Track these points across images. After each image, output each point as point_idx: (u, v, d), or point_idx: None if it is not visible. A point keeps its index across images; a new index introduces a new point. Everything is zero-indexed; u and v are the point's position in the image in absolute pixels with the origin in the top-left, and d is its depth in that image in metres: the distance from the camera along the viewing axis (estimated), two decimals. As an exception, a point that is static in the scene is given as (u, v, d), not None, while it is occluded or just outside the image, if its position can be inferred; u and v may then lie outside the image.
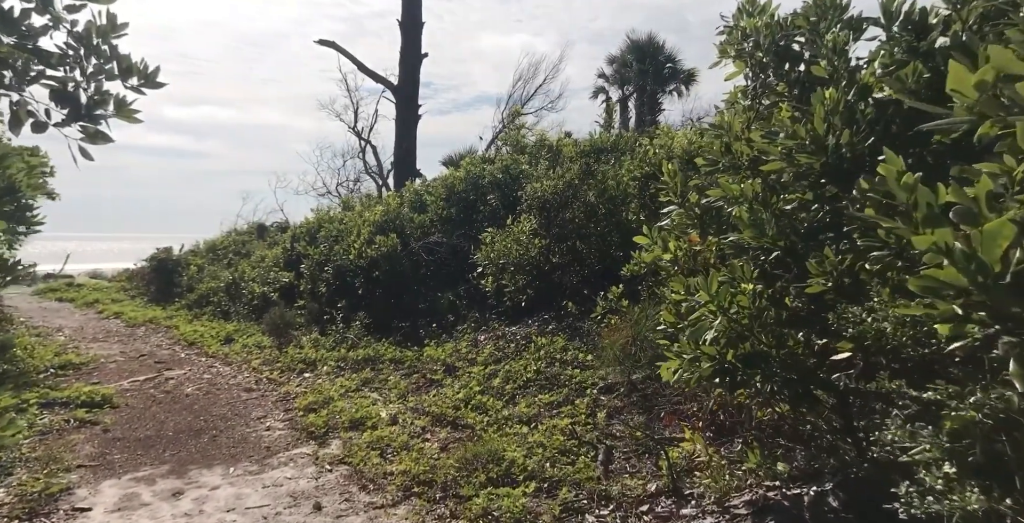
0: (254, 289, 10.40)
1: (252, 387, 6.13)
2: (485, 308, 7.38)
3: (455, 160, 16.48)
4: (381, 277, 8.25)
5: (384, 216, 8.48)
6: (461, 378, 5.50)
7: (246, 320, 9.90)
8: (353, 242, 8.64)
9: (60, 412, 4.88)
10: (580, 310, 5.78)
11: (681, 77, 19.21)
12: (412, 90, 12.95)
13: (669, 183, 2.70)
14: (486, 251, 6.75)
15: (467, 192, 8.45)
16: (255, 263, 12.57)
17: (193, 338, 8.79)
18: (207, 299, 11.61)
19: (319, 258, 9.30)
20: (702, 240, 2.61)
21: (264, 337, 8.48)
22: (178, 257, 15.24)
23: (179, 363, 7.35)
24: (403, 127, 13.03)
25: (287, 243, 11.38)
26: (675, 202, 2.74)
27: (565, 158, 6.62)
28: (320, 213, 10.31)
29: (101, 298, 13.91)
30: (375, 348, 7.00)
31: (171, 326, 10.18)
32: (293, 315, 8.68)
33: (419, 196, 9.21)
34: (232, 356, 7.59)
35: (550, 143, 7.41)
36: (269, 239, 16.03)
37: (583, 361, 5.02)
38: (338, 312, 8.55)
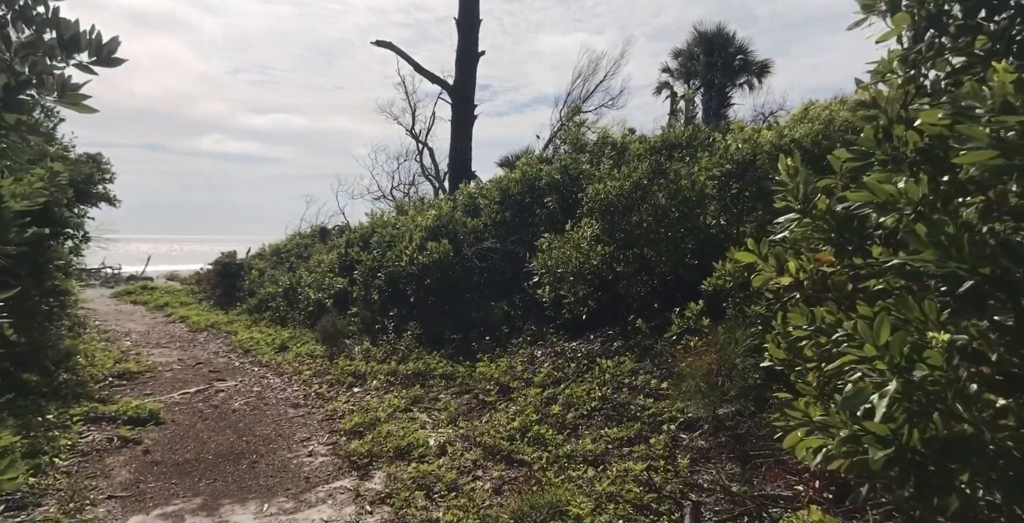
0: (310, 295, 10.34)
1: (300, 402, 5.86)
2: (542, 320, 6.83)
3: (511, 161, 16.02)
4: (433, 285, 7.87)
5: (436, 221, 8.10)
6: (516, 401, 4.98)
7: (301, 327, 9.83)
8: (405, 248, 8.32)
9: (106, 428, 4.75)
10: (650, 327, 5.11)
11: (753, 69, 17.89)
12: (468, 89, 12.58)
13: (788, 184, 2.05)
14: (543, 258, 6.19)
15: (522, 195, 7.93)
16: (312, 268, 12.61)
17: (249, 345, 8.75)
18: (266, 304, 11.71)
19: (372, 264, 9.07)
20: (838, 260, 1.96)
21: (317, 345, 8.31)
22: (241, 261, 15.64)
23: (232, 373, 7.25)
24: (458, 128, 12.70)
25: (342, 248, 11.29)
26: (795, 208, 2.09)
27: (632, 156, 5.95)
28: (374, 218, 10.11)
29: (171, 301, 14.43)
30: (426, 361, 6.61)
31: (230, 331, 10.27)
32: (345, 323, 8.48)
33: (472, 199, 8.78)
34: (284, 366, 7.42)
35: (614, 140, 6.75)
36: (329, 243, 16.22)
37: (656, 389, 4.36)
38: (389, 321, 8.26)
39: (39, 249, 6.15)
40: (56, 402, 5.02)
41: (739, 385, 3.75)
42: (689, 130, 5.54)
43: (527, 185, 7.84)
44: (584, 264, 5.99)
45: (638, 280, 5.96)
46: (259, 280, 13.50)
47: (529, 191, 7.88)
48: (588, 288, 6.01)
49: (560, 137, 7.93)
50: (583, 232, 5.95)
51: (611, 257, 5.93)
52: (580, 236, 5.93)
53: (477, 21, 12.62)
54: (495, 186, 8.04)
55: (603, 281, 6.05)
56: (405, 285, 8.35)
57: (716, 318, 4.34)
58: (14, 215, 2.15)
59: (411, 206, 9.70)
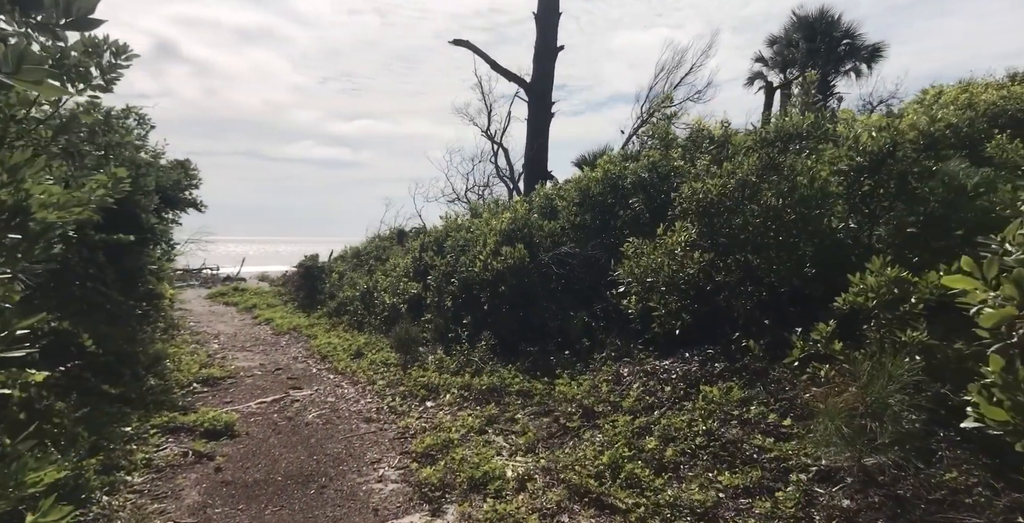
0: (385, 300, 10.29)
1: (372, 416, 5.63)
2: (627, 333, 6.20)
3: (589, 160, 15.38)
4: (507, 292, 7.45)
5: (511, 224, 7.68)
6: (603, 429, 4.42)
7: (377, 332, 9.78)
8: (479, 253, 7.97)
9: (183, 440, 4.71)
10: (762, 348, 4.37)
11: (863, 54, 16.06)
12: (545, 86, 12.12)
13: None
14: (629, 266, 5.58)
15: (604, 195, 7.32)
16: (388, 271, 12.65)
17: (327, 351, 8.77)
18: (344, 308, 11.85)
19: (445, 269, 8.81)
20: None
21: (391, 353, 8.15)
22: (323, 264, 16.09)
23: (308, 380, 7.21)
24: (535, 126, 12.26)
25: (416, 252, 11.20)
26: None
27: (738, 150, 5.20)
28: (448, 221, 9.89)
29: (258, 303, 15.08)
30: (501, 375, 6.19)
31: (310, 335, 10.43)
32: (419, 331, 8.26)
33: (549, 201, 8.28)
34: (359, 374, 7.29)
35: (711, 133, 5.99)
36: (406, 245, 16.37)
37: (777, 426, 3.64)
38: (463, 329, 7.94)
39: (127, 255, 6.35)
40: (140, 410, 5.08)
41: (893, 431, 2.98)
42: (810, 117, 4.71)
43: (609, 185, 7.23)
44: (678, 272, 5.31)
45: (742, 291, 5.20)
46: (338, 283, 13.76)
47: (612, 191, 7.26)
48: (683, 300, 5.33)
49: (646, 132, 7.24)
50: (677, 237, 5.28)
51: (710, 265, 5.22)
52: (674, 241, 5.26)
53: (556, 15, 12.13)
54: (574, 186, 7.50)
55: (700, 292, 5.34)
56: (479, 292, 8.00)
57: (852, 342, 3.56)
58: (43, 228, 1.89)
59: (485, 208, 9.36)
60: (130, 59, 3.05)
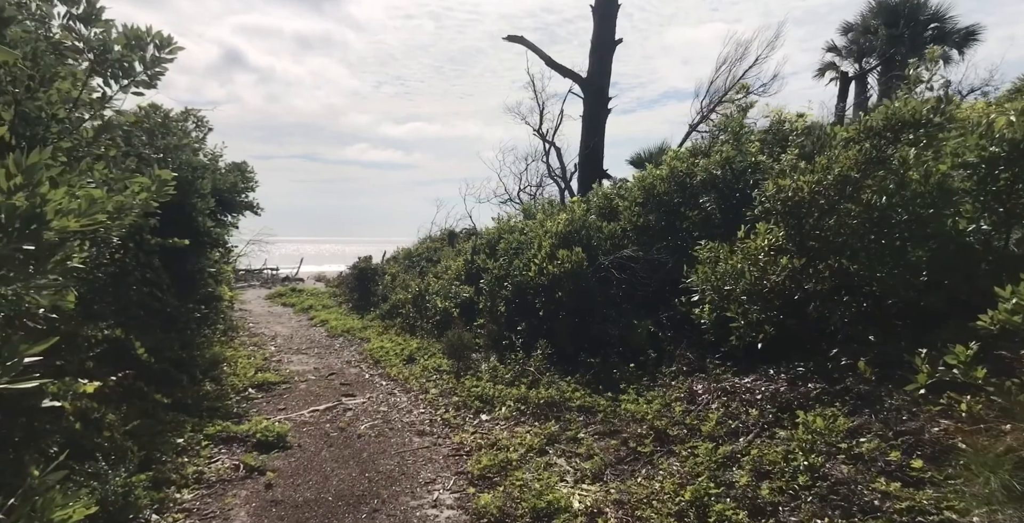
0: (437, 303, 10.09)
1: (425, 429, 5.36)
2: (699, 345, 5.67)
3: (645, 158, 14.72)
4: (564, 298, 7.04)
5: (568, 226, 7.26)
6: (681, 457, 3.94)
7: (429, 336, 9.59)
8: (533, 256, 7.60)
9: (235, 451, 4.57)
10: (874, 370, 3.76)
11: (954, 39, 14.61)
12: (602, 81, 11.61)
13: None
14: (704, 272, 5.05)
15: (670, 194, 6.79)
16: (440, 273, 12.49)
17: (379, 355, 8.64)
18: (397, 310, 11.77)
19: (498, 273, 8.49)
20: None
21: (443, 359, 7.90)
22: (376, 266, 16.17)
23: (361, 386, 7.05)
24: (591, 123, 11.78)
25: (467, 255, 10.96)
26: None
27: (837, 142, 4.58)
28: (500, 223, 9.57)
29: (314, 304, 15.31)
30: (559, 388, 5.79)
31: (363, 338, 10.37)
32: (472, 337, 7.98)
33: (608, 201, 7.81)
34: (411, 381, 7.07)
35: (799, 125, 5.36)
36: (457, 246, 16.24)
37: (903, 467, 3.06)
38: (517, 336, 7.59)
39: (185, 258, 6.36)
40: (195, 418, 5.00)
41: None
42: (931, 101, 4.04)
43: (676, 183, 6.69)
44: (760, 279, 4.75)
45: (836, 301, 4.59)
46: (391, 285, 13.74)
47: (679, 190, 6.72)
48: (766, 310, 4.76)
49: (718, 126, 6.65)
50: (759, 241, 4.71)
51: (799, 271, 4.62)
52: (756, 245, 4.70)
53: (615, 6, 11.61)
54: (636, 185, 7.00)
55: (786, 301, 4.75)
56: (533, 297, 7.63)
57: (997, 368, 2.93)
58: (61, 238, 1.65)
59: (539, 210, 8.98)
60: (174, 52, 2.86)
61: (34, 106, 2.41)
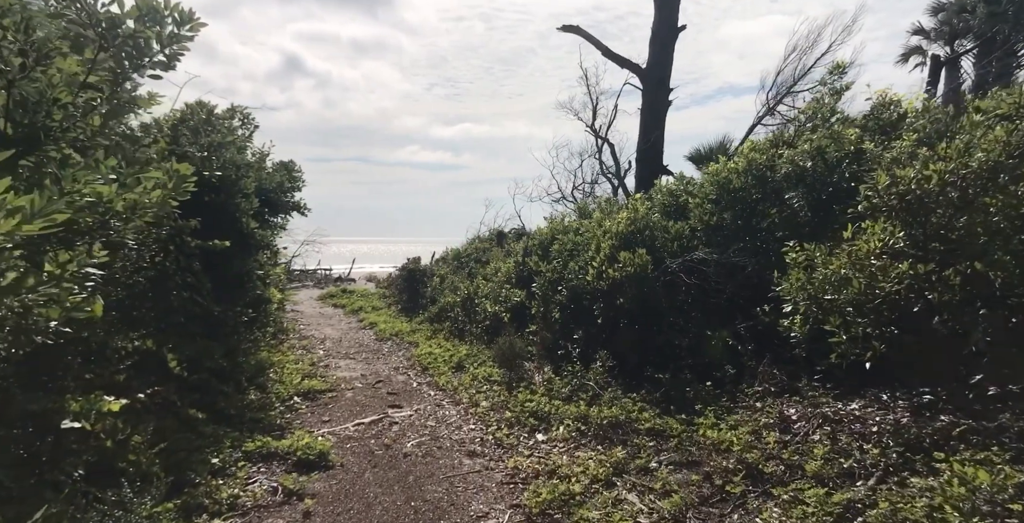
0: (486, 307, 9.66)
1: (476, 449, 4.89)
2: (787, 362, 4.95)
3: (705, 154, 13.80)
4: (626, 304, 6.42)
5: (630, 225, 6.64)
6: (782, 502, 3.28)
7: (478, 342, 9.16)
8: (591, 259, 7.02)
9: (275, 470, 4.25)
10: None
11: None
12: (663, 71, 10.86)
13: None
14: (797, 278, 4.33)
15: (748, 190, 6.05)
16: (489, 276, 12.07)
17: (427, 362, 8.28)
18: (445, 314, 11.43)
19: (552, 276, 7.96)
20: None
21: (494, 368, 7.44)
22: (425, 267, 15.96)
23: (409, 396, 6.68)
24: (650, 116, 11.05)
25: (518, 256, 10.47)
26: None
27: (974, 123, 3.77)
28: (553, 222, 9.02)
29: (364, 306, 15.24)
30: (624, 406, 5.20)
31: (412, 342, 10.07)
32: (524, 345, 7.47)
33: (675, 198, 7.12)
34: (460, 392, 6.64)
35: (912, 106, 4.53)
36: (506, 247, 15.81)
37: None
38: (574, 346, 7.03)
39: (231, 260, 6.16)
40: (236, 431, 4.73)
41: None
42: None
43: (755, 177, 5.95)
44: (870, 288, 3.99)
45: (969, 314, 3.78)
46: (440, 287, 13.44)
47: (758, 185, 5.97)
48: (878, 324, 4.00)
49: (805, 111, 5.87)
50: (870, 242, 3.96)
51: (922, 279, 3.85)
52: (867, 248, 3.95)
53: (678, -13, 10.83)
54: (709, 180, 6.29)
55: (903, 314, 3.98)
56: (591, 303, 7.05)
57: None
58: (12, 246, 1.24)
59: (597, 208, 8.37)
60: (196, 29, 2.47)
61: (31, 89, 2.08)
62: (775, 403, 4.46)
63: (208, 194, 5.24)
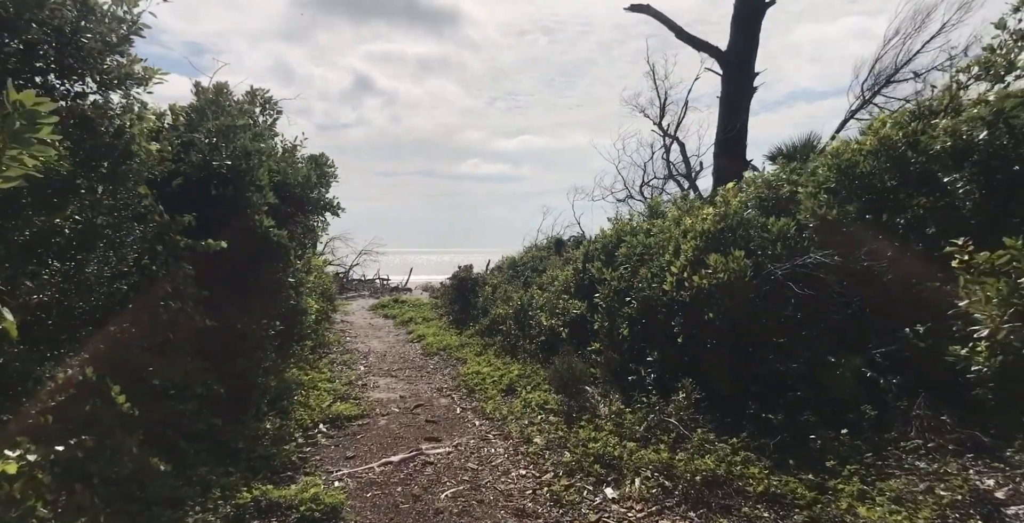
0: (541, 320, 8.57)
1: (527, 507, 3.80)
2: (956, 404, 3.55)
3: (787, 153, 12.19)
4: (717, 320, 5.14)
5: (719, 222, 5.38)
6: None
7: (532, 360, 8.08)
8: (668, 263, 5.81)
9: (270, 531, 3.33)
10: None
11: None
12: (747, 54, 9.49)
13: None
14: (998, 289, 2.97)
15: (879, 175, 4.67)
16: (545, 285, 10.99)
17: (474, 382, 7.28)
18: (497, 326, 10.42)
19: (618, 285, 6.77)
20: None
21: (550, 393, 6.34)
22: (477, 275, 15.08)
23: (449, 426, 5.68)
24: (732, 104, 9.68)
25: (578, 263, 9.33)
26: None
27: None
28: (619, 224, 7.84)
29: (415, 317, 14.53)
30: (720, 455, 3.96)
31: (460, 358, 9.13)
32: (585, 366, 6.32)
33: (773, 189, 5.80)
34: (510, 423, 5.58)
35: None
36: (564, 255, 14.72)
37: None
38: (647, 370, 5.81)
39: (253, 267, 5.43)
40: (236, 472, 3.89)
41: None
42: None
43: (890, 158, 4.57)
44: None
45: None
46: (492, 297, 12.48)
47: (893, 168, 4.59)
48: None
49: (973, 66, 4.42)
50: None
51: None
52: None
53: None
54: (826, 163, 4.95)
55: None
56: (668, 317, 5.82)
57: None
58: None
59: (672, 205, 7.13)
60: None
61: None
62: (957, 467, 3.10)
63: (216, 186, 4.50)
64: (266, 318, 6.03)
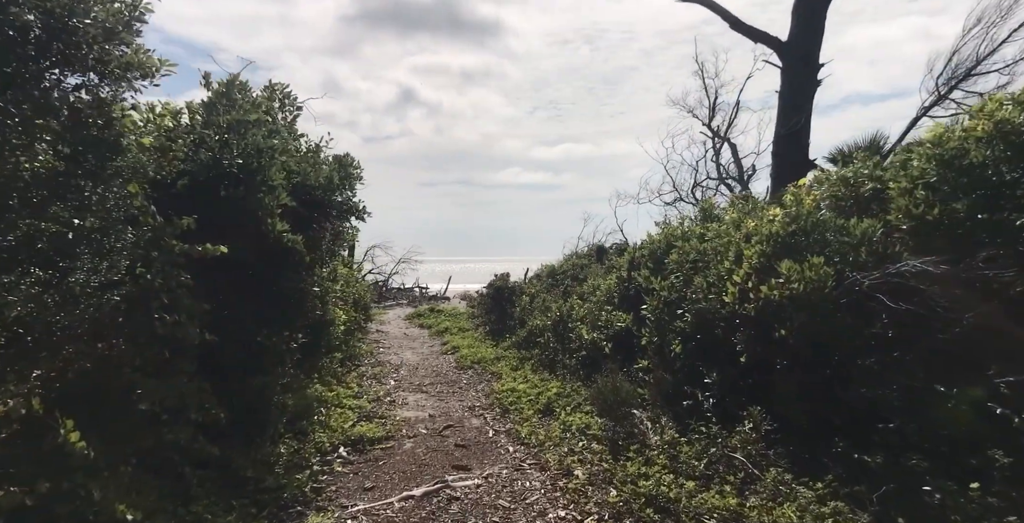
0: (582, 333, 7.94)
1: (566, 562, 3.18)
2: None
3: (848, 154, 11.17)
4: (790, 338, 4.40)
5: (789, 225, 4.65)
6: None
7: (572, 377, 7.45)
8: (728, 271, 5.11)
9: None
10: None
11: None
12: (810, 44, 8.64)
13: None
14: None
15: (995, 167, 3.87)
16: (586, 295, 10.34)
17: (509, 400, 6.72)
18: (534, 338, 9.83)
19: (669, 296, 6.08)
20: None
21: (592, 416, 5.71)
22: (514, 284, 14.54)
23: (480, 453, 5.12)
24: (793, 98, 8.83)
25: (623, 271, 8.66)
26: None
27: None
28: (668, 228, 7.15)
29: (450, 327, 14.11)
30: (802, 503, 3.26)
31: (495, 373, 8.59)
32: (632, 388, 5.65)
33: (852, 188, 5.02)
34: (547, 451, 4.98)
35: None
36: (607, 263, 14.04)
37: None
38: (705, 394, 5.09)
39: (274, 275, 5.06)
40: (237, 508, 3.45)
41: None
42: None
43: (1012, 146, 3.77)
44: None
45: None
46: (529, 307, 11.91)
47: (1014, 157, 3.77)
48: None
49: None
50: None
51: None
52: None
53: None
54: (924, 154, 4.17)
55: None
56: (727, 333, 5.11)
57: None
58: None
59: (731, 207, 6.40)
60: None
61: None
62: None
63: (226, 187, 4.14)
64: (288, 330, 5.66)
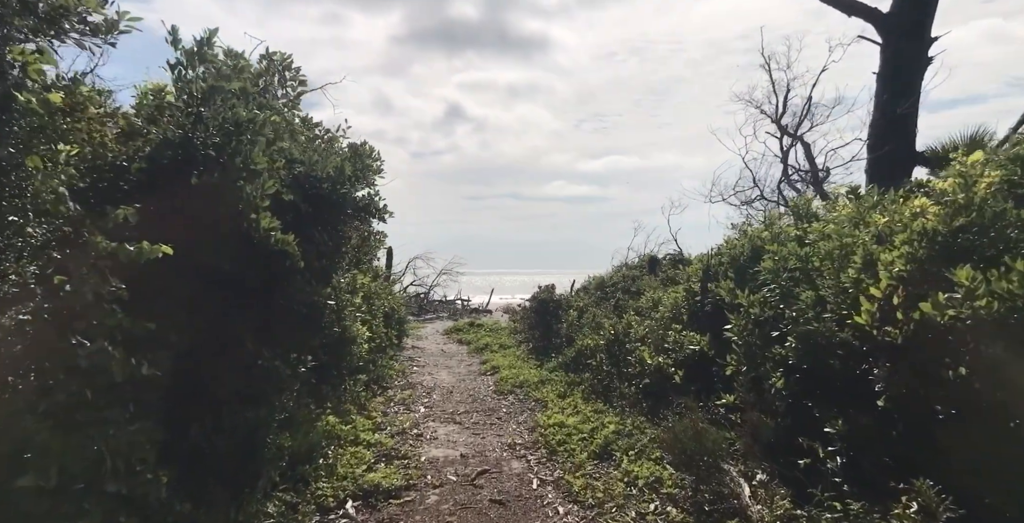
0: (644, 356, 6.71)
1: None
2: None
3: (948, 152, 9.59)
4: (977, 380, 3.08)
5: (953, 218, 3.36)
6: None
7: (632, 409, 6.23)
8: (852, 284, 3.84)
9: None
10: None
11: None
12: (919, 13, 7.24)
13: None
14: None
15: None
16: (644, 310, 9.10)
17: (558, 438, 5.55)
18: (584, 359, 8.64)
19: (760, 315, 4.82)
20: None
21: (664, 466, 4.49)
22: (560, 297, 13.36)
23: (521, 513, 3.99)
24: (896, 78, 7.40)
25: (692, 282, 7.38)
26: None
27: None
28: (753, 231, 5.86)
29: (491, 343, 13.05)
30: None
31: (539, 399, 7.45)
32: (719, 435, 4.39)
33: (1034, 166, 3.66)
34: (607, 515, 3.79)
35: None
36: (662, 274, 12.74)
37: None
38: (825, 448, 3.77)
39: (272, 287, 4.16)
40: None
41: None
42: None
43: None
44: None
45: None
46: (577, 323, 10.73)
47: None
48: None
49: None
50: None
51: None
52: None
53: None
54: None
55: None
56: (853, 364, 3.85)
57: None
58: None
59: (850, 197, 5.07)
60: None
61: None
62: None
63: (201, 174, 3.24)
64: (296, 351, 4.75)
